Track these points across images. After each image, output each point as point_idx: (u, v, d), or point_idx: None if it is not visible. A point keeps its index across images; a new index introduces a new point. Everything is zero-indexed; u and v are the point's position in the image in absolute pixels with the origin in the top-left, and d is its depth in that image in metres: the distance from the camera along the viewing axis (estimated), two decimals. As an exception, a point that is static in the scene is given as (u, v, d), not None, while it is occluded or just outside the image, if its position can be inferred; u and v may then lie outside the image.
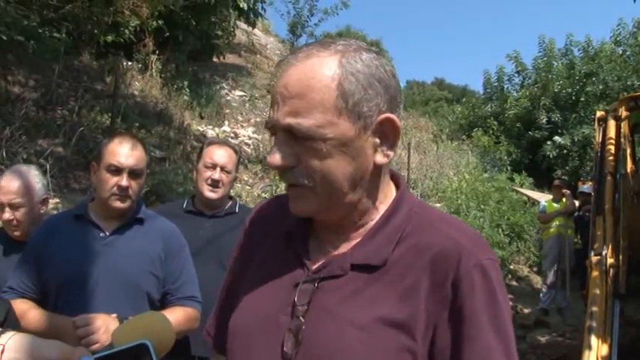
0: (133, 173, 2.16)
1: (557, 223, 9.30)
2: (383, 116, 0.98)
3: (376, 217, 1.04)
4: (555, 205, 9.46)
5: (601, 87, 17.61)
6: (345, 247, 1.04)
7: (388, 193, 1.07)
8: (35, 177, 2.62)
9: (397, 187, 1.09)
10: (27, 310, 2.06)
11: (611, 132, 5.91)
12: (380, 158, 1.00)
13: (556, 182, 10.28)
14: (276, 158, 0.98)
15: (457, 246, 0.98)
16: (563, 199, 9.43)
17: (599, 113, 6.51)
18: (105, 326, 1.89)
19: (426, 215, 1.06)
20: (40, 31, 6.89)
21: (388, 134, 1.00)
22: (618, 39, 19.05)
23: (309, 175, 0.97)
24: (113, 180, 2.14)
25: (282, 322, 1.01)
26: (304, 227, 1.08)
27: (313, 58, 0.96)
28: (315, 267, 1.03)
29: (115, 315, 1.97)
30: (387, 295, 0.97)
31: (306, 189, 0.99)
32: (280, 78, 0.98)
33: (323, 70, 0.95)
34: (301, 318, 0.99)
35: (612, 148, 5.74)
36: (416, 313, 0.95)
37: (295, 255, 1.06)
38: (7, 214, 2.51)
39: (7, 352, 1.09)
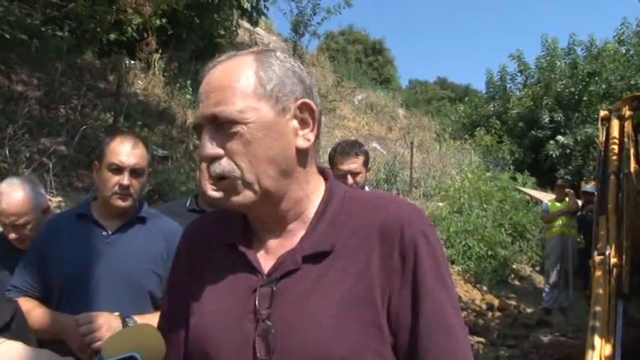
0: (135, 172, 2.16)
1: (561, 222, 9.28)
2: (300, 101, 1.06)
3: (311, 207, 1.09)
4: (558, 204, 9.44)
5: (604, 86, 17.56)
6: (290, 244, 1.07)
7: (318, 184, 1.13)
8: (34, 190, 2.56)
9: (325, 180, 1.15)
10: (30, 309, 2.06)
11: (615, 131, 5.90)
12: (301, 142, 1.06)
13: (559, 182, 10.25)
14: (204, 149, 1.03)
15: (398, 217, 1.06)
16: (566, 199, 9.41)
17: (602, 113, 6.50)
18: (107, 324, 1.89)
19: (361, 198, 1.13)
20: (42, 29, 6.89)
21: (307, 119, 1.07)
22: (622, 38, 19.00)
23: (235, 163, 1.02)
24: (114, 179, 2.14)
25: (248, 330, 1.03)
26: (246, 235, 1.12)
27: (232, 58, 1.07)
28: (268, 270, 1.06)
29: (117, 313, 1.97)
30: (344, 277, 1.02)
31: (235, 179, 1.03)
32: (203, 80, 1.06)
33: (241, 64, 1.05)
34: (267, 321, 1.01)
35: (616, 147, 5.73)
36: (373, 288, 1.01)
37: (245, 263, 1.08)
38: (14, 234, 2.49)
39: None
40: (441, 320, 1.02)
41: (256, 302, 1.03)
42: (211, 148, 1.03)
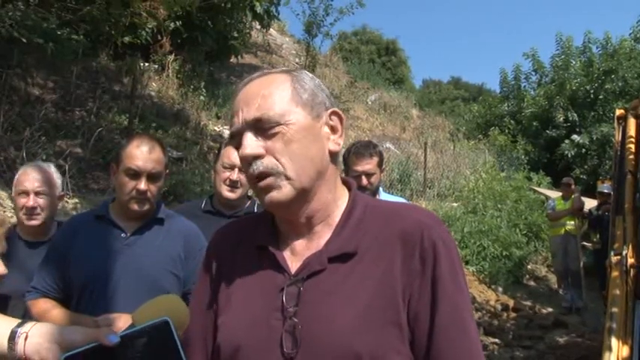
0: (152, 176, 2.18)
1: (565, 221, 9.27)
2: (330, 110, 1.17)
3: (337, 212, 1.17)
4: (564, 202, 9.42)
5: (620, 84, 17.37)
6: (317, 246, 1.14)
7: (343, 191, 1.21)
8: (55, 173, 2.75)
9: (349, 189, 1.22)
10: (49, 309, 2.09)
11: (631, 130, 5.82)
12: (333, 146, 1.16)
13: (564, 180, 10.16)
14: (246, 149, 1.10)
15: (418, 224, 1.12)
16: (572, 197, 9.37)
17: (618, 111, 6.42)
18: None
19: (382, 207, 1.20)
20: (58, 33, 6.95)
21: (336, 125, 1.17)
22: (638, 36, 18.74)
23: (277, 159, 1.09)
24: (132, 184, 2.16)
25: (275, 326, 1.08)
26: (275, 238, 1.18)
27: (267, 75, 1.16)
28: (295, 270, 1.12)
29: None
30: (367, 278, 1.08)
31: (277, 175, 1.09)
32: (239, 94, 1.15)
33: (277, 79, 1.14)
34: (294, 318, 1.07)
35: (632, 146, 5.65)
36: (395, 289, 1.07)
37: (273, 264, 1.14)
38: (32, 202, 2.58)
39: (31, 338, 1.15)
40: (457, 320, 1.08)
41: (284, 300, 1.09)
42: (253, 147, 1.10)
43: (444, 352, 1.07)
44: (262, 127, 1.10)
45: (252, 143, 1.10)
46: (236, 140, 1.13)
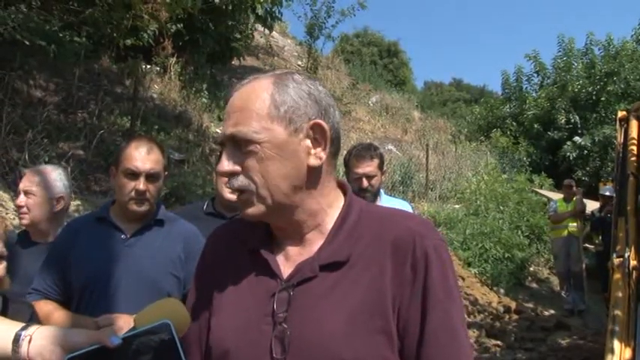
0: (150, 177, 2.20)
1: (568, 224, 9.26)
2: (312, 122, 1.12)
3: (329, 220, 1.16)
4: (566, 204, 9.40)
5: (622, 86, 17.34)
6: (309, 253, 1.14)
7: (337, 198, 1.19)
8: (57, 175, 2.72)
9: (344, 193, 1.21)
10: (51, 312, 2.10)
11: (634, 132, 5.83)
12: (313, 160, 1.13)
13: (566, 181, 10.14)
14: (223, 165, 1.13)
15: (411, 232, 1.12)
16: (574, 199, 9.35)
17: (620, 113, 6.43)
18: (127, 326, 1.91)
19: (377, 213, 1.20)
20: (60, 35, 6.96)
21: (319, 138, 1.13)
22: (640, 37, 18.74)
23: (250, 178, 1.11)
24: (131, 184, 2.18)
25: (265, 331, 1.09)
26: (268, 242, 1.19)
27: (253, 81, 1.14)
28: (286, 276, 1.12)
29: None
30: (357, 286, 1.08)
31: (251, 193, 1.11)
32: (230, 100, 1.15)
33: (259, 87, 1.12)
34: (284, 324, 1.08)
35: (634, 148, 5.66)
36: (384, 297, 1.07)
37: (265, 268, 1.15)
38: (19, 200, 2.62)
39: (35, 341, 1.16)
40: (447, 326, 1.09)
41: (274, 306, 1.10)
42: (228, 165, 1.12)
43: (434, 358, 1.07)
44: (238, 143, 1.11)
45: (226, 161, 1.12)
46: (222, 149, 1.17)
